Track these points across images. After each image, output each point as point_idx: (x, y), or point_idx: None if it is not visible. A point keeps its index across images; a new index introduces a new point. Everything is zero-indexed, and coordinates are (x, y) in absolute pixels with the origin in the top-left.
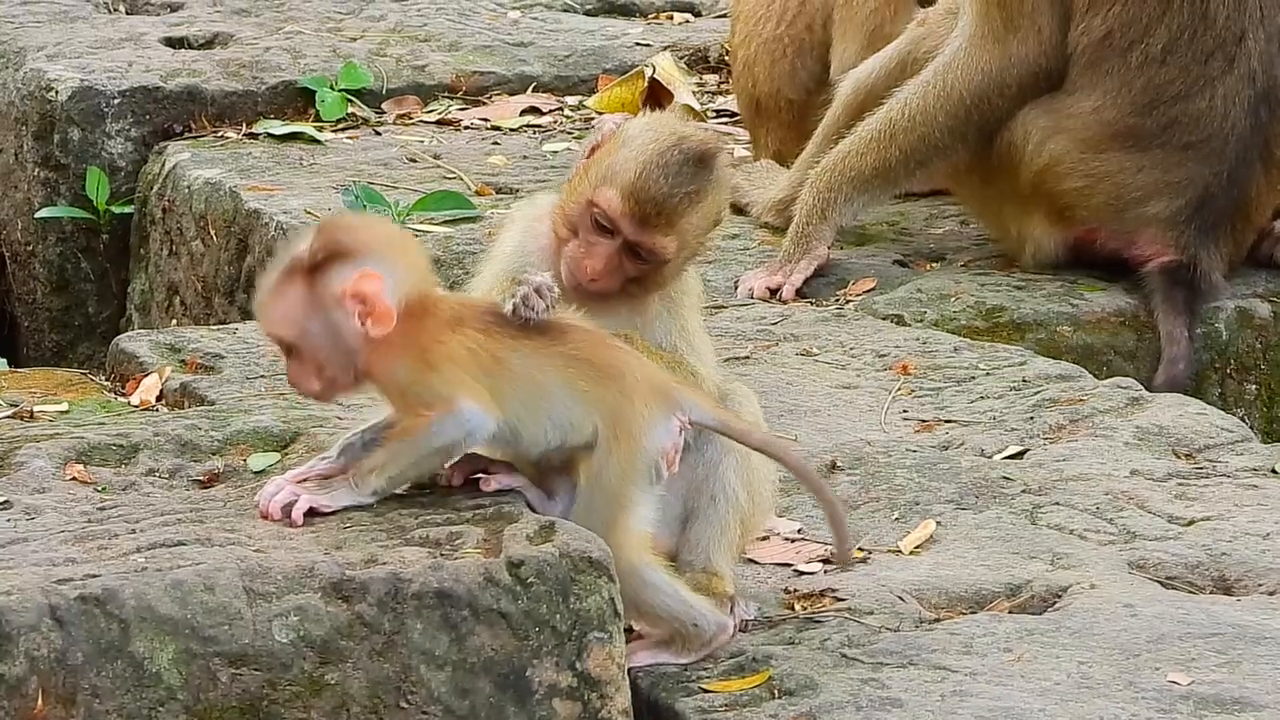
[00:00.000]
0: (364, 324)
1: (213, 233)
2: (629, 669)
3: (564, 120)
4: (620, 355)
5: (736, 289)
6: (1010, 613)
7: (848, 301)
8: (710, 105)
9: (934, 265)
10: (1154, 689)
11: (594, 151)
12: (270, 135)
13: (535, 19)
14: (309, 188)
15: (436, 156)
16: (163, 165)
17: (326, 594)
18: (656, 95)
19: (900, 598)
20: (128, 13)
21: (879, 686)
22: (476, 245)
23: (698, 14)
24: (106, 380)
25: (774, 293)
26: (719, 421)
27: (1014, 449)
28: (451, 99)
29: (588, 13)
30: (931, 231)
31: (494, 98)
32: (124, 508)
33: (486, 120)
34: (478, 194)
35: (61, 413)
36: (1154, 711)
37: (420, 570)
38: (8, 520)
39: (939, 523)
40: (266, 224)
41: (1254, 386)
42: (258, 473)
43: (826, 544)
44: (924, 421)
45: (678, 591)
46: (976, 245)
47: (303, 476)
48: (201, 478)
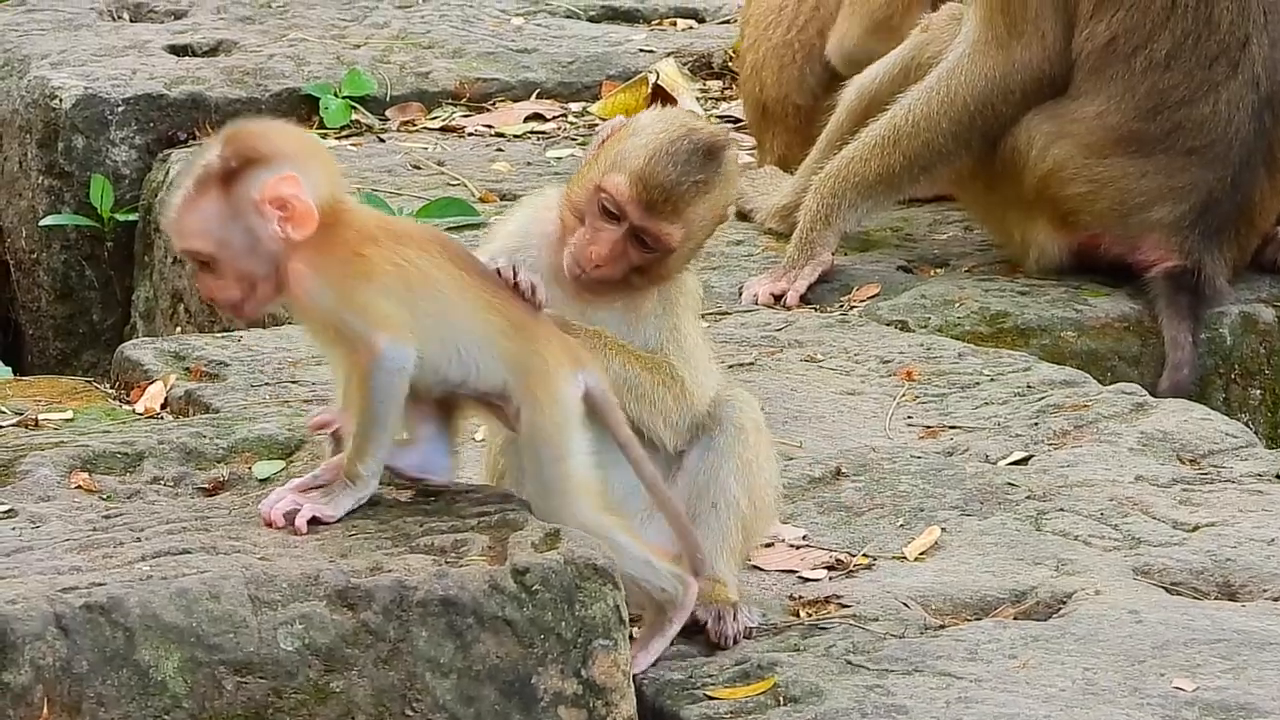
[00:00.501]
0: (284, 228)
1: None
2: (634, 675)
3: (568, 127)
4: (537, 317)
5: (741, 295)
6: (1015, 619)
7: (852, 307)
8: (714, 111)
9: (938, 271)
10: (1159, 695)
11: (603, 145)
12: None
13: (539, 25)
14: None
15: (440, 163)
16: (167, 173)
17: (332, 602)
18: (660, 101)
19: (905, 604)
20: (132, 20)
21: (884, 693)
22: None
23: (701, 20)
24: (111, 388)
25: (778, 299)
26: (606, 402)
27: (1018, 455)
28: (455, 106)
29: (591, 19)
30: (935, 237)
31: (498, 104)
32: (129, 516)
33: (490, 127)
34: (482, 200)
35: (66, 421)
36: (1159, 718)
37: (425, 578)
38: (12, 528)
39: (944, 529)
40: None
41: (1258, 392)
42: (263, 480)
43: (831, 550)
44: (928, 427)
45: (639, 552)
46: (980, 251)
47: (306, 486)
48: (206, 486)
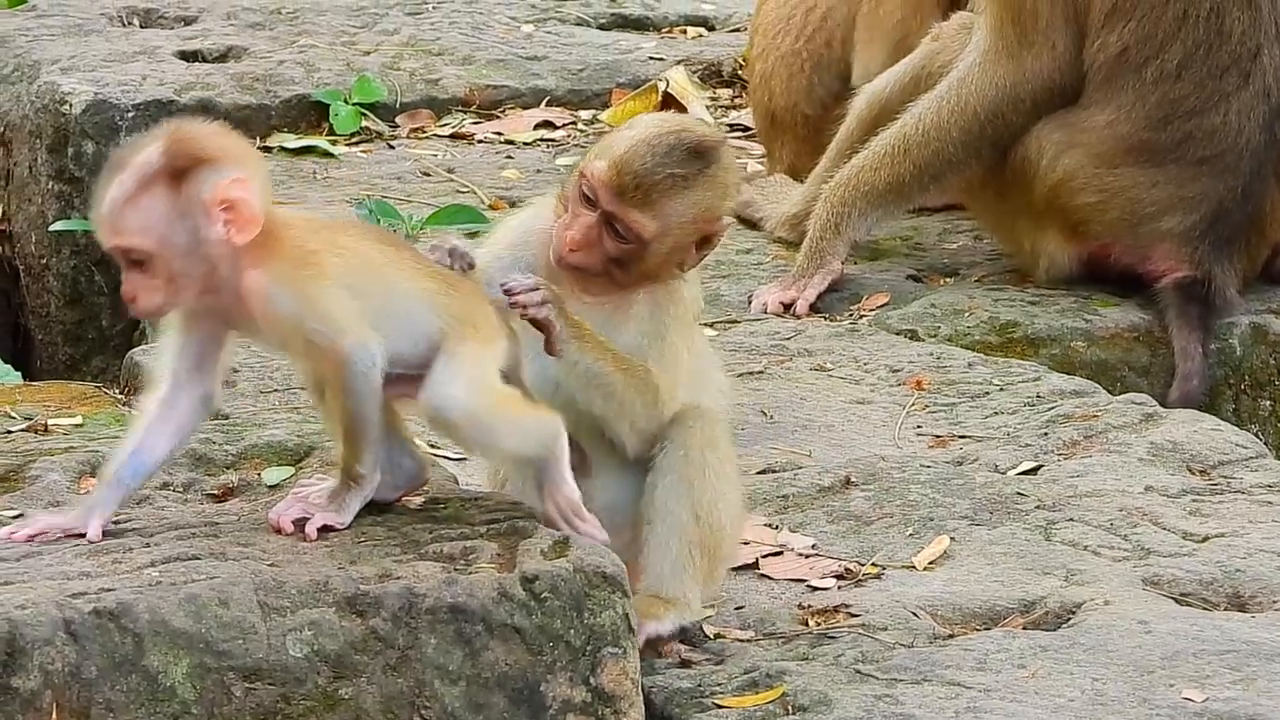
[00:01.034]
0: (229, 231)
1: None
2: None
3: (577, 134)
4: (470, 283)
5: (750, 304)
6: (1024, 629)
7: (861, 316)
8: (723, 120)
9: (948, 280)
10: (1168, 706)
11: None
12: (284, 149)
13: (549, 33)
14: (323, 201)
15: (450, 170)
16: None
17: (341, 608)
18: (670, 109)
19: (914, 613)
20: (142, 26)
21: (893, 703)
22: None
23: (712, 28)
24: (121, 394)
25: (788, 307)
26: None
27: (1028, 465)
28: (465, 113)
29: (601, 27)
30: (945, 246)
31: (507, 112)
32: (138, 521)
33: (500, 134)
34: (491, 208)
35: (76, 426)
36: None
37: (434, 585)
38: None
39: (953, 538)
40: None
41: (1268, 402)
42: (272, 487)
43: (840, 559)
44: (938, 437)
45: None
46: (990, 260)
47: (316, 495)
48: (216, 492)
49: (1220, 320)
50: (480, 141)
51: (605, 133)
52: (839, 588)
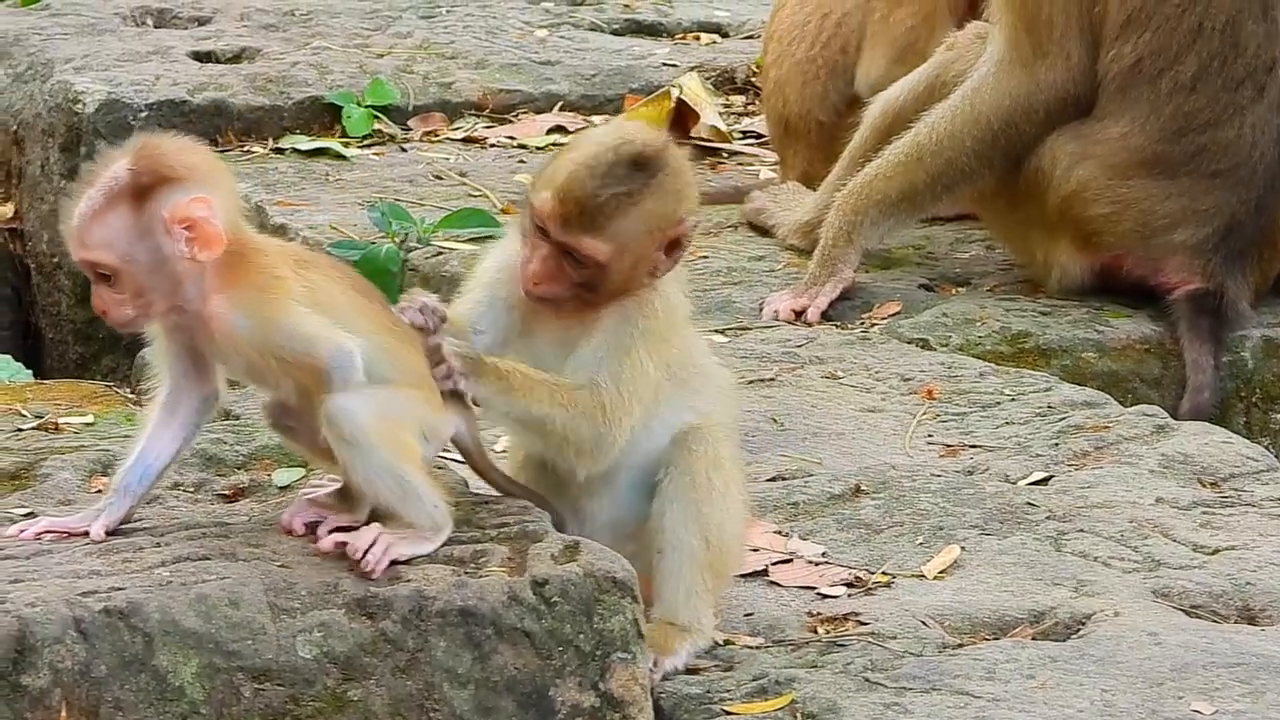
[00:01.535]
0: (191, 249)
1: None
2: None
3: None
4: (421, 355)
5: (761, 311)
6: (1034, 639)
7: (873, 325)
8: (736, 126)
9: (960, 290)
10: (1177, 718)
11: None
12: (297, 150)
13: (563, 38)
14: (335, 203)
15: (462, 174)
16: None
17: (351, 610)
18: (683, 115)
19: (924, 622)
20: (155, 26)
21: (902, 711)
22: None
23: (725, 35)
24: (131, 393)
25: (799, 315)
26: (472, 446)
27: (1039, 475)
28: (478, 117)
29: (615, 32)
30: (957, 256)
31: (520, 116)
32: (149, 521)
33: (513, 138)
34: (503, 212)
35: (87, 425)
36: None
37: (444, 588)
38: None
39: (963, 548)
40: (293, 239)
41: (1279, 415)
42: (283, 488)
43: (850, 567)
44: (949, 446)
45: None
46: (1002, 270)
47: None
48: (226, 492)
49: (1232, 333)
50: (493, 145)
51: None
52: (849, 596)
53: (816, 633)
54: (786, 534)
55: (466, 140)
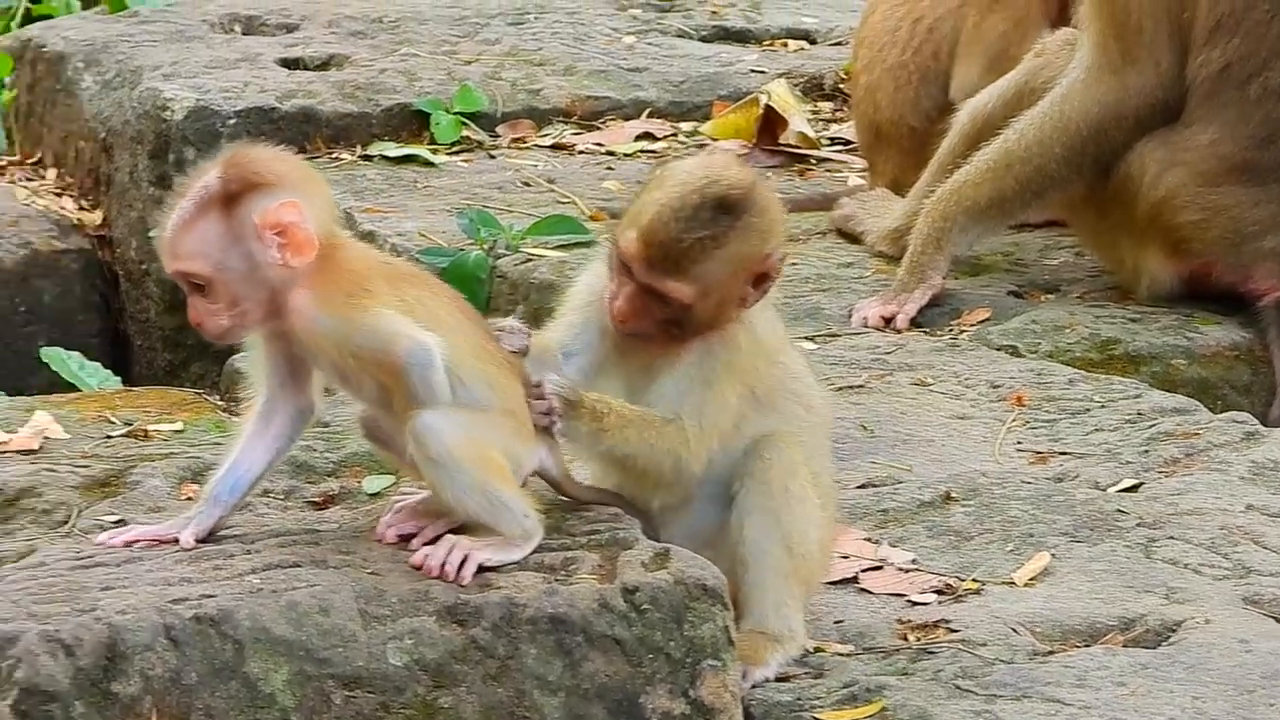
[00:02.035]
0: (283, 255)
1: None
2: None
3: (678, 146)
4: (516, 383)
5: (851, 318)
6: (1124, 646)
7: (962, 332)
8: (825, 133)
9: (1049, 296)
10: None
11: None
12: (385, 157)
13: (651, 44)
14: (423, 210)
15: (551, 181)
16: None
17: (441, 618)
18: (771, 122)
19: (1014, 630)
20: (244, 33)
21: (992, 719)
22: None
23: (813, 41)
24: (221, 400)
25: (888, 322)
26: (557, 474)
27: (1129, 482)
28: (566, 123)
29: (703, 39)
30: (1046, 262)
31: (608, 123)
32: (239, 528)
33: (601, 145)
34: (592, 219)
35: (176, 432)
36: None
37: (535, 595)
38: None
39: (1053, 555)
40: (380, 246)
41: None
42: (372, 495)
43: (941, 575)
44: (1038, 453)
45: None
46: (1091, 277)
47: (416, 505)
48: (317, 499)
49: None
50: (581, 152)
51: (706, 145)
52: (939, 603)
53: (907, 640)
54: (876, 541)
55: (554, 147)
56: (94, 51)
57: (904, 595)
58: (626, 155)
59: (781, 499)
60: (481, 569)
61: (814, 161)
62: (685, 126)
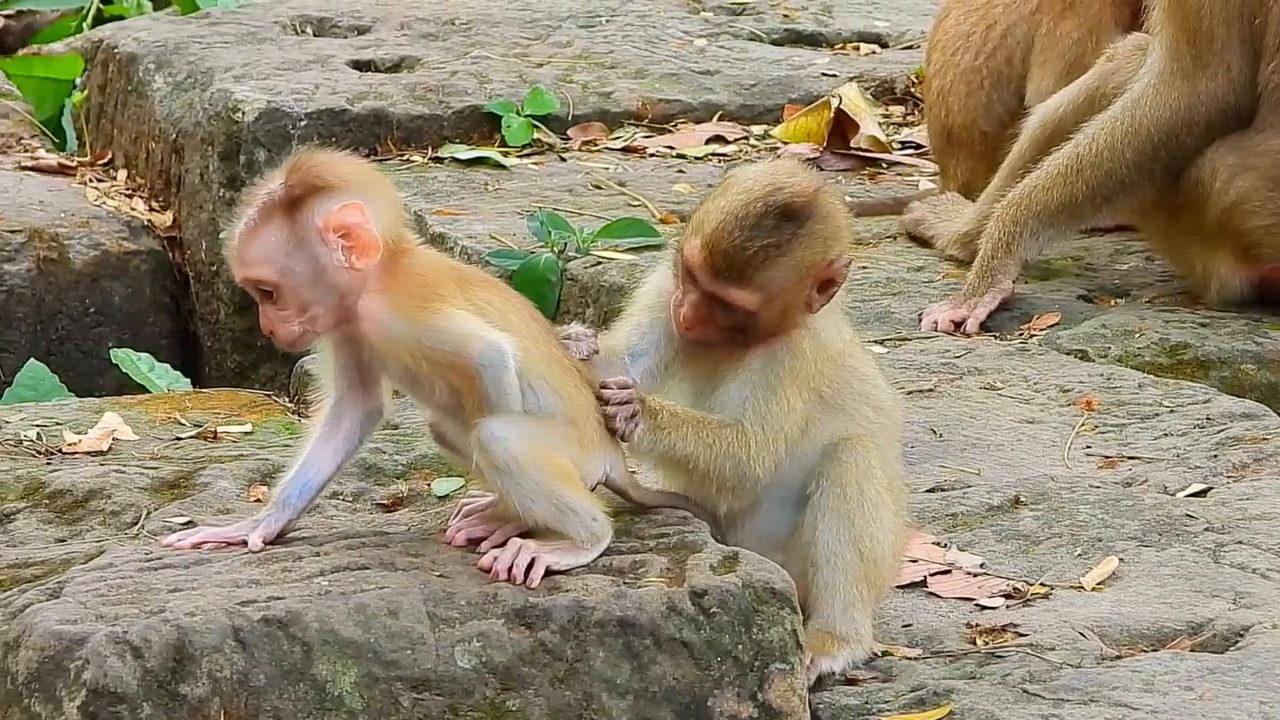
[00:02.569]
0: (348, 258)
1: None
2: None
3: (749, 150)
4: (588, 392)
5: (921, 321)
6: (1192, 651)
7: (1031, 336)
8: (896, 137)
9: (1119, 301)
10: None
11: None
12: (456, 160)
13: (722, 48)
14: (494, 213)
15: (621, 184)
16: None
17: (510, 620)
18: (842, 126)
19: (1082, 634)
20: (315, 35)
21: None
22: None
23: (885, 45)
24: (290, 402)
25: (958, 326)
26: (622, 483)
27: (1197, 487)
28: (637, 126)
29: (774, 42)
30: (1116, 267)
31: (679, 126)
32: (308, 530)
33: (672, 148)
34: (662, 222)
35: (245, 434)
36: None
37: (603, 598)
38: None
39: (1121, 559)
40: (451, 248)
41: None
42: (441, 497)
43: (1009, 579)
44: (1107, 458)
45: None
46: (1161, 282)
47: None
48: (385, 501)
49: None
50: (652, 155)
51: (777, 148)
52: (1007, 607)
53: (975, 644)
54: (945, 545)
55: (625, 150)
56: (165, 53)
57: (972, 599)
58: (697, 158)
59: (856, 502)
60: (549, 572)
61: (885, 165)
62: (756, 130)
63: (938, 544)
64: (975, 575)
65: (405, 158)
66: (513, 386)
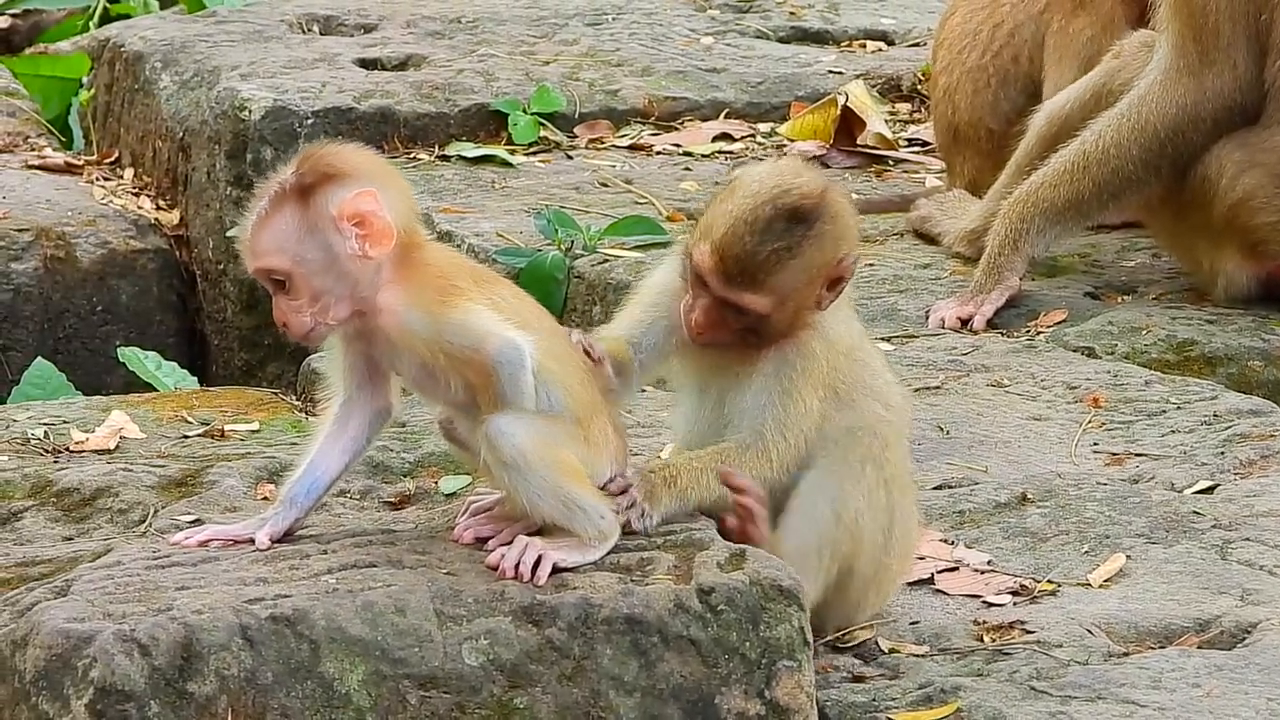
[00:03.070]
0: (362, 245)
1: None
2: (813, 696)
3: (756, 147)
4: (599, 393)
5: (928, 319)
6: (1199, 648)
7: (1039, 333)
8: (902, 134)
9: (1125, 298)
10: None
11: (710, 203)
12: (462, 158)
13: (728, 45)
14: (501, 210)
15: (628, 181)
16: None
17: (517, 618)
18: (849, 123)
19: (1089, 631)
20: (321, 33)
21: None
22: None
23: (891, 43)
24: (297, 400)
25: (965, 323)
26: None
27: (1204, 484)
28: (643, 124)
29: (781, 40)
30: (1123, 264)
31: (686, 123)
32: (315, 528)
33: (678, 146)
34: (669, 220)
35: (253, 432)
36: None
37: (611, 596)
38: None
39: (1128, 556)
40: (459, 246)
41: None
42: (449, 495)
43: (1016, 576)
44: (1114, 455)
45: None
46: (1168, 278)
47: (493, 507)
48: (393, 499)
49: None
50: (658, 153)
51: (784, 146)
52: (1014, 604)
53: (982, 641)
54: (952, 542)
55: (632, 147)
56: (172, 51)
57: (979, 596)
58: (704, 156)
59: (853, 474)
60: (556, 570)
61: (891, 163)
62: (763, 127)
63: (945, 541)
64: (982, 572)
65: (412, 156)
66: (529, 385)
